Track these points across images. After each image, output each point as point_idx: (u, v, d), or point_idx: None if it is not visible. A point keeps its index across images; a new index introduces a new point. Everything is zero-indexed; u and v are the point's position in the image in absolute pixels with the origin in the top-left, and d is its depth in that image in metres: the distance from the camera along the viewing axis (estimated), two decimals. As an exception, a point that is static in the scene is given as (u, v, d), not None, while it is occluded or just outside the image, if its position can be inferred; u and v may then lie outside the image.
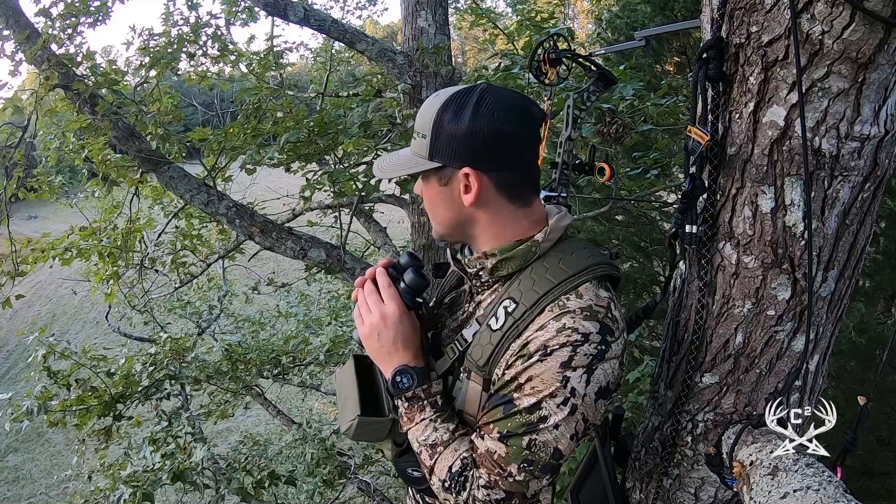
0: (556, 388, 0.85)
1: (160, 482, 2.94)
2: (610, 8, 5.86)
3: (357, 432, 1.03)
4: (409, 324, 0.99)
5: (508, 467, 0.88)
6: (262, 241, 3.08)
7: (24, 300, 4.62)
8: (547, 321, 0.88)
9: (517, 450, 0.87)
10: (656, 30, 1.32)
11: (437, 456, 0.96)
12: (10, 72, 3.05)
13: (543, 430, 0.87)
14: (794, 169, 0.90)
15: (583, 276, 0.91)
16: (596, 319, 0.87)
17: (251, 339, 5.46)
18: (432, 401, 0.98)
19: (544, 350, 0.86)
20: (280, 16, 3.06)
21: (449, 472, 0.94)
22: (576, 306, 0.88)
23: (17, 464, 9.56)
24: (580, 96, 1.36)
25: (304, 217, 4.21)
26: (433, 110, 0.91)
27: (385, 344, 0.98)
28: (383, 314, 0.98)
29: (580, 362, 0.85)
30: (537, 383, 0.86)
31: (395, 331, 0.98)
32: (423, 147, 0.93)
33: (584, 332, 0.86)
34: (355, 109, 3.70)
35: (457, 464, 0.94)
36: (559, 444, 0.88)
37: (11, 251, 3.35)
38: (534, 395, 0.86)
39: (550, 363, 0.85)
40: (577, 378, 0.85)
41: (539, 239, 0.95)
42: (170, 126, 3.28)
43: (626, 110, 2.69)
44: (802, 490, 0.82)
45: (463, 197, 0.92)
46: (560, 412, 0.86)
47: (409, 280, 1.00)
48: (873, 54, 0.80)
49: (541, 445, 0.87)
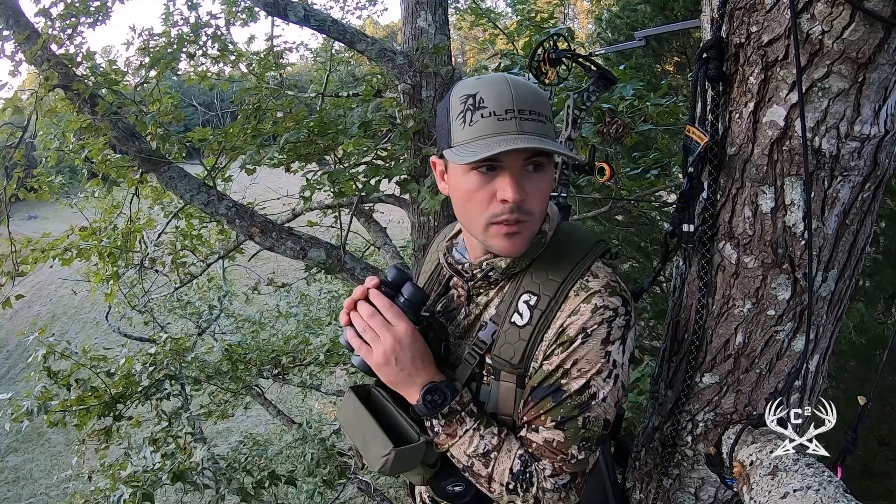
0: (602, 364, 0.89)
1: (160, 482, 2.94)
2: (610, 8, 5.86)
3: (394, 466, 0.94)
4: (421, 340, 0.94)
5: (570, 450, 0.90)
6: (262, 241, 3.08)
7: (24, 300, 4.63)
8: (577, 305, 0.91)
9: (574, 431, 0.90)
10: (656, 30, 1.32)
11: (493, 462, 0.92)
12: (10, 72, 3.05)
13: (595, 406, 0.90)
14: (794, 169, 0.90)
15: (591, 256, 0.95)
16: (617, 293, 0.92)
17: (251, 339, 5.46)
18: (469, 410, 0.94)
19: (585, 332, 0.89)
20: (280, 16, 3.05)
21: (511, 474, 0.91)
22: (598, 285, 0.91)
23: (17, 464, 9.56)
24: (580, 96, 1.36)
25: (304, 217, 4.21)
26: (535, 90, 0.88)
27: (405, 367, 0.92)
28: (396, 337, 0.91)
29: (616, 335, 0.90)
30: (583, 364, 0.89)
31: (412, 351, 0.92)
32: (552, 130, 0.88)
33: (614, 307, 0.90)
34: (355, 109, 3.70)
35: (516, 464, 0.92)
36: (608, 415, 0.91)
37: (11, 251, 3.35)
38: (582, 377, 0.89)
39: (592, 343, 0.89)
40: (616, 350, 0.90)
41: (546, 230, 0.97)
42: (170, 126, 3.28)
43: (626, 110, 2.69)
44: (802, 490, 0.82)
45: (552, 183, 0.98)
46: (607, 385, 0.90)
47: (409, 294, 0.95)
48: (873, 54, 0.80)
49: (594, 420, 0.90)
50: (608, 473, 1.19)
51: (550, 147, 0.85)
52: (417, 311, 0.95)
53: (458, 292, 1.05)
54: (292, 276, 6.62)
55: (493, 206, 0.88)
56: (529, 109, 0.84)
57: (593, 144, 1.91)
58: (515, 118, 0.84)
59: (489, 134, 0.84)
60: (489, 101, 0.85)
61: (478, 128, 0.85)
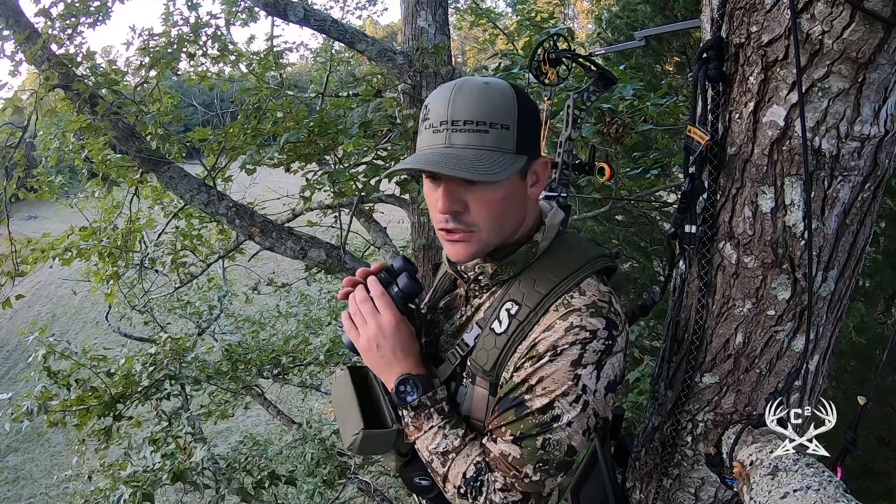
0: (568, 387, 0.85)
1: (160, 482, 2.94)
2: (610, 8, 5.86)
3: (362, 447, 0.99)
4: (407, 331, 0.96)
5: (524, 469, 0.87)
6: (262, 241, 3.08)
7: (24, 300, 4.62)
8: (554, 321, 0.87)
9: (532, 451, 0.86)
10: (656, 30, 1.32)
11: (450, 463, 0.93)
12: (10, 72, 3.05)
13: (557, 429, 0.86)
14: (794, 169, 0.90)
15: (583, 272, 0.91)
16: (601, 315, 0.87)
17: (251, 339, 5.47)
18: (439, 408, 0.95)
19: (554, 350, 0.86)
20: (280, 16, 3.06)
21: (464, 479, 0.92)
22: (581, 304, 0.87)
23: (17, 464, 9.56)
24: (580, 96, 1.36)
25: (304, 217, 4.22)
26: (508, 97, 0.84)
27: (385, 355, 0.95)
28: (380, 324, 0.94)
29: (590, 359, 0.85)
30: (549, 383, 0.86)
31: (393, 340, 0.94)
32: (508, 139, 0.83)
33: (592, 329, 0.86)
34: (355, 109, 3.70)
35: (471, 469, 0.91)
36: (572, 441, 0.87)
37: (11, 251, 3.35)
38: (546, 396, 0.86)
39: (561, 362, 0.85)
40: (587, 375, 0.85)
41: (538, 240, 0.94)
42: (170, 126, 3.28)
43: (626, 110, 2.69)
44: (802, 490, 0.82)
45: (530, 190, 0.90)
46: (573, 410, 0.86)
47: (402, 285, 0.96)
48: (873, 54, 0.80)
49: (555, 444, 0.86)
50: (608, 473, 1.19)
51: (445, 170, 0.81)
52: (407, 303, 0.97)
53: (460, 292, 1.05)
54: (292, 276, 6.62)
55: (436, 213, 0.89)
56: (466, 120, 0.82)
57: (593, 144, 1.91)
58: (448, 130, 0.83)
59: (423, 147, 0.86)
60: (431, 113, 0.86)
61: (420, 139, 0.87)
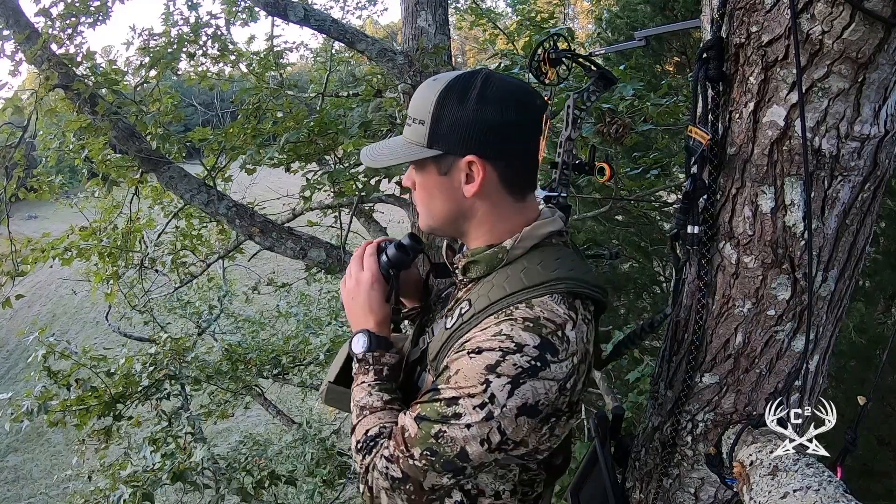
0: (476, 390, 0.82)
1: (160, 482, 2.94)
2: (610, 8, 5.86)
3: (327, 398, 1.12)
4: (380, 292, 1.04)
5: (413, 449, 0.87)
6: (262, 241, 3.08)
7: (24, 300, 4.63)
8: (489, 325, 0.86)
9: (425, 435, 0.85)
10: (656, 30, 1.32)
11: (363, 418, 0.98)
12: (10, 72, 3.05)
13: (454, 427, 0.84)
14: (794, 169, 0.90)
15: (539, 289, 0.87)
16: (538, 333, 0.83)
17: (251, 339, 5.47)
18: (378, 368, 1.01)
19: (477, 350, 0.84)
20: (280, 16, 3.05)
21: (365, 435, 0.95)
22: (520, 315, 0.84)
23: (17, 464, 9.57)
24: (580, 96, 1.36)
25: (304, 217, 4.21)
26: (433, 95, 0.87)
27: (356, 307, 1.04)
28: (358, 280, 1.04)
29: (506, 371, 0.81)
30: (460, 378, 0.84)
31: (365, 296, 1.03)
32: (421, 134, 0.88)
33: (519, 342, 0.82)
34: (355, 109, 3.70)
35: (374, 429, 0.95)
36: (467, 446, 0.84)
37: (11, 251, 3.35)
38: (454, 390, 0.84)
39: (477, 362, 0.83)
40: (498, 385, 0.81)
41: (507, 246, 0.91)
42: (170, 126, 3.28)
43: (626, 110, 2.69)
44: (802, 490, 0.82)
45: (464, 187, 0.89)
46: (475, 414, 0.82)
47: (390, 253, 1.05)
48: (873, 54, 0.80)
49: (448, 440, 0.84)
50: (608, 473, 1.19)
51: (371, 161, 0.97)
52: (388, 269, 1.05)
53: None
54: (292, 276, 6.62)
55: None
56: (412, 116, 0.90)
57: (593, 144, 1.91)
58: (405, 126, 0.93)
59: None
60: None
61: None
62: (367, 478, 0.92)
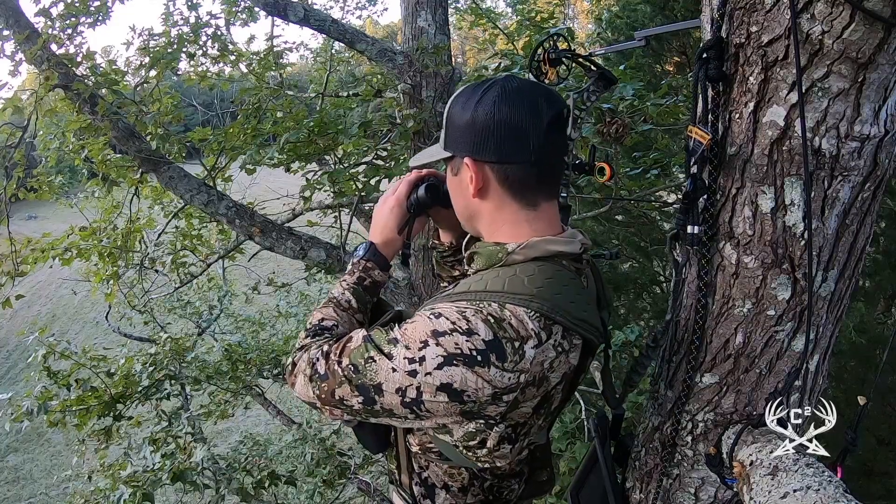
0: (414, 345, 0.84)
1: (160, 482, 2.94)
2: (610, 8, 5.86)
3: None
4: (398, 217, 1.10)
5: (343, 357, 0.90)
6: (262, 241, 3.08)
7: (24, 300, 4.63)
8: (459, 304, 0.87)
9: (361, 352, 0.88)
10: (656, 30, 1.32)
11: (323, 308, 1.04)
12: (10, 72, 3.05)
13: (382, 363, 0.86)
14: (794, 169, 0.90)
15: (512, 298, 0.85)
16: (493, 331, 0.82)
17: (251, 339, 5.47)
18: (361, 276, 1.08)
19: (437, 314, 0.85)
20: (280, 16, 3.06)
21: (319, 322, 1.01)
22: (487, 311, 0.84)
23: (17, 464, 9.57)
24: (580, 96, 1.36)
25: (304, 217, 4.21)
26: (449, 101, 0.96)
27: (378, 221, 1.12)
28: (386, 198, 1.12)
29: (446, 344, 0.82)
30: (409, 329, 0.87)
31: (384, 215, 1.11)
32: (441, 139, 0.99)
33: (472, 328, 0.82)
34: (355, 109, 3.70)
35: (329, 322, 1.01)
36: (384, 385, 0.86)
37: (11, 251, 3.35)
38: (399, 335, 0.87)
39: (428, 324, 0.85)
40: (432, 353, 0.83)
41: (509, 248, 0.91)
42: (170, 126, 3.28)
43: (626, 110, 2.69)
44: (802, 490, 0.82)
45: (469, 187, 0.93)
46: (402, 364, 0.84)
47: (420, 192, 1.11)
48: (873, 54, 0.80)
49: (374, 369, 0.86)
50: (608, 473, 1.19)
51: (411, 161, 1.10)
52: (413, 205, 1.12)
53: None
54: (292, 276, 6.61)
55: None
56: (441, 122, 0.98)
57: (593, 144, 1.91)
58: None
59: None
60: None
61: None
62: (297, 355, 0.97)
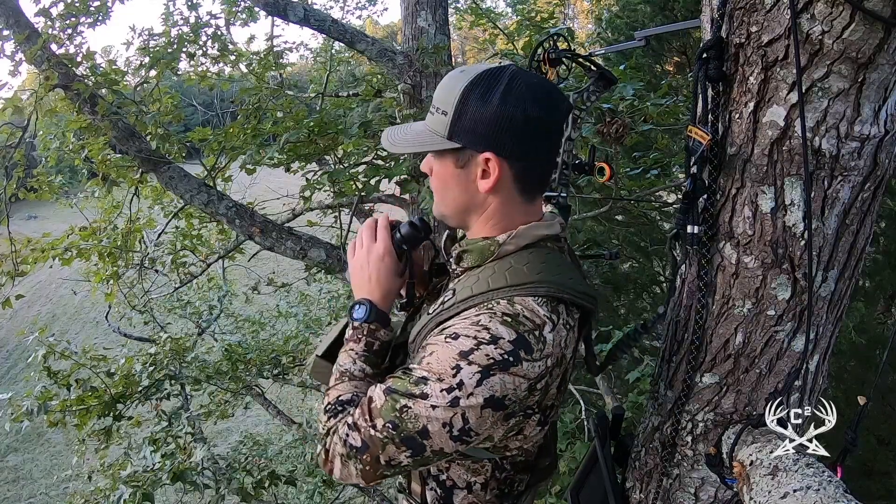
0: (446, 374, 0.82)
1: (160, 482, 2.94)
2: (610, 8, 5.86)
3: (313, 370, 1.11)
4: (390, 266, 1.03)
5: (376, 419, 0.86)
6: (262, 241, 3.08)
7: (24, 300, 4.63)
8: (469, 315, 0.87)
9: (391, 407, 0.85)
10: (656, 30, 1.32)
11: (339, 383, 0.98)
12: (10, 72, 3.05)
13: (420, 405, 0.83)
14: (794, 169, 0.90)
15: (520, 289, 0.87)
16: (515, 329, 0.83)
17: (251, 339, 5.46)
18: (369, 341, 1.00)
19: (453, 335, 0.84)
20: (280, 16, 3.06)
21: (337, 399, 0.95)
22: (500, 310, 0.85)
23: (17, 464, 9.56)
24: (580, 96, 1.36)
25: (304, 217, 4.21)
26: (459, 87, 0.87)
27: (364, 278, 1.03)
28: (369, 250, 1.03)
29: (478, 359, 0.82)
30: (433, 361, 0.84)
31: (375, 267, 1.02)
32: (443, 124, 0.89)
33: (495, 334, 0.83)
34: (355, 109, 3.70)
35: (347, 396, 0.95)
36: (430, 426, 0.83)
37: (11, 251, 3.35)
38: (425, 371, 0.85)
39: (451, 347, 0.83)
40: (468, 373, 0.82)
41: (500, 240, 0.93)
42: (170, 126, 3.28)
43: (626, 110, 2.68)
44: (802, 490, 0.82)
45: (479, 182, 0.90)
46: (441, 398, 0.82)
47: (403, 230, 1.05)
48: (873, 54, 0.80)
49: (412, 416, 0.84)
50: (608, 473, 1.19)
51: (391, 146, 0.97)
52: (401, 245, 1.05)
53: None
54: (292, 276, 6.61)
55: None
56: (436, 105, 0.91)
57: (593, 144, 1.91)
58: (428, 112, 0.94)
59: None
60: None
61: None
62: (326, 441, 0.92)
